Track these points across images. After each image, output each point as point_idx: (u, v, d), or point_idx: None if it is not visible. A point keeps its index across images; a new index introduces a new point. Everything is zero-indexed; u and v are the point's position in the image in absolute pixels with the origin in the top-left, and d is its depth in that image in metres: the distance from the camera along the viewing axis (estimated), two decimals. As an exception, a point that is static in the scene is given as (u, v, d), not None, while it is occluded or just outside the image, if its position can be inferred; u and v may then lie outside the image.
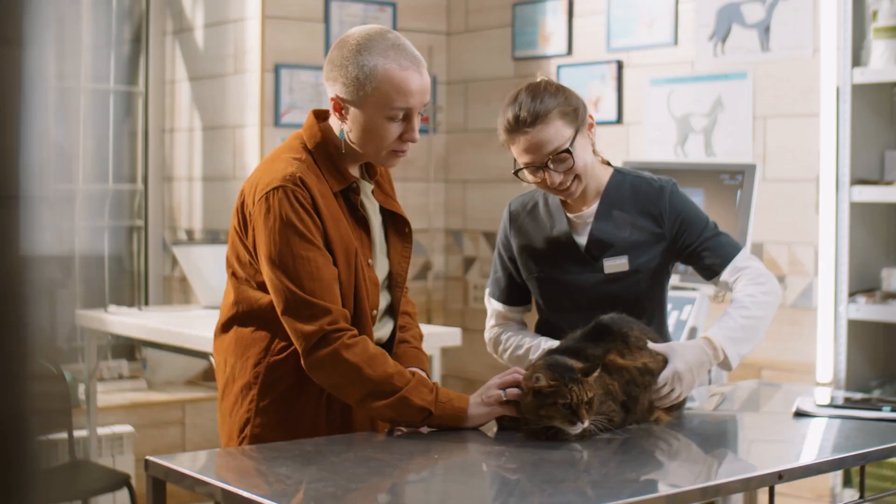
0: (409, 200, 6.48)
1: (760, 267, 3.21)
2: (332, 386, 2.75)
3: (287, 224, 2.70)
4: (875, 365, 4.64)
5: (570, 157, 3.11)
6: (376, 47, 2.73)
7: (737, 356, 3.07)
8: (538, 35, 6.11)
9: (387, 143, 2.77)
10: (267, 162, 2.84)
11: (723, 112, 5.23)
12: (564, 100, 3.13)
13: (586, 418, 2.68)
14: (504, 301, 3.45)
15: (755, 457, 2.90)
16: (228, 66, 6.15)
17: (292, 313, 2.71)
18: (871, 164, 4.61)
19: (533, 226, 3.34)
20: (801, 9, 4.97)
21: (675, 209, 3.24)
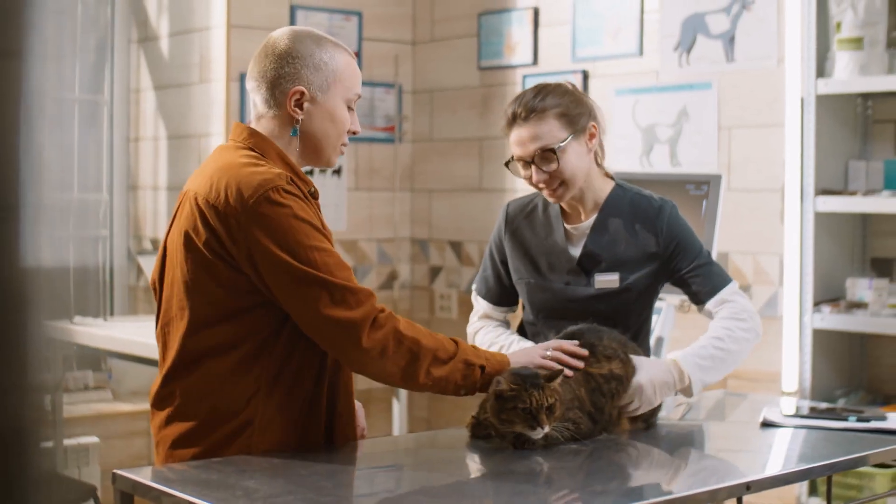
0: (374, 210, 6.48)
1: (746, 303, 3.23)
2: (399, 370, 2.64)
3: (301, 219, 2.59)
4: (840, 374, 4.67)
5: (555, 157, 3.13)
6: (326, 41, 2.78)
7: (700, 384, 3.09)
8: (504, 45, 6.12)
9: (344, 131, 2.78)
10: (229, 169, 2.65)
11: (688, 122, 5.25)
12: (569, 103, 3.15)
13: (546, 423, 2.68)
14: (489, 300, 3.47)
15: (723, 467, 2.91)
16: (193, 75, 6.14)
17: (335, 304, 2.57)
18: (836, 174, 4.64)
19: (529, 230, 3.35)
20: (766, 20, 5.00)
21: (672, 231, 3.25)
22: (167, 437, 2.71)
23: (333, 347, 2.63)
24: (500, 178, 6.15)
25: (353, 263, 6.37)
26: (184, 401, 2.69)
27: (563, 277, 3.28)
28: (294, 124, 2.75)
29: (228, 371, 2.65)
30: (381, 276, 6.52)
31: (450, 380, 2.70)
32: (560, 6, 5.84)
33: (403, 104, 6.56)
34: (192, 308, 2.67)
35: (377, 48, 6.45)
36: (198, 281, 2.66)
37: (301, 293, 2.58)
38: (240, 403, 2.65)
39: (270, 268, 2.58)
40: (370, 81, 6.41)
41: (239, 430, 2.65)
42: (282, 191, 2.59)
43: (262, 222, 2.57)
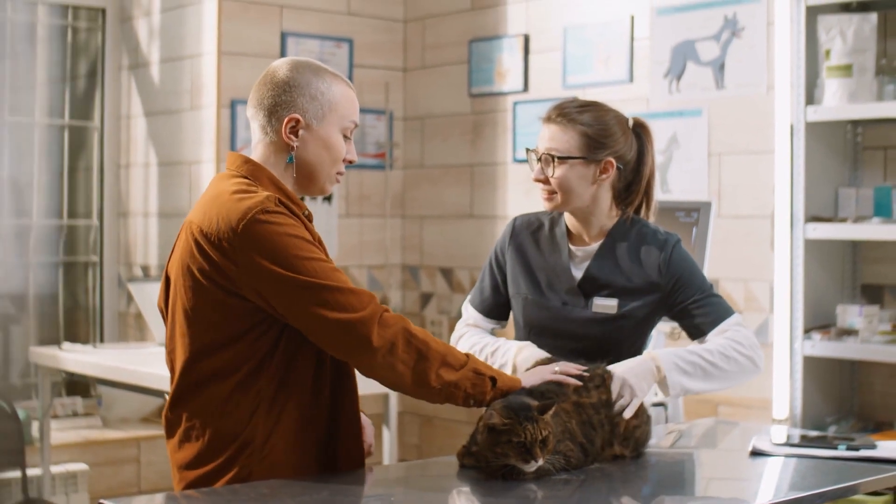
0: (365, 236, 6.47)
1: (749, 334, 3.20)
2: (408, 370, 2.65)
3: (292, 235, 2.61)
4: (831, 401, 4.66)
5: (553, 163, 3.16)
6: (324, 71, 2.81)
7: (678, 385, 3.06)
8: (495, 72, 6.13)
9: (339, 160, 2.80)
10: (222, 196, 2.69)
11: (678, 149, 5.26)
12: (599, 131, 3.18)
13: (541, 457, 2.67)
14: (481, 311, 3.45)
15: (712, 497, 2.90)
16: (184, 102, 6.13)
17: (339, 309, 2.59)
18: (826, 201, 4.64)
19: (532, 246, 3.35)
20: (756, 46, 5.01)
21: (675, 264, 3.23)
22: (179, 460, 2.76)
23: (344, 351, 2.65)
24: (490, 204, 6.14)
25: (343, 290, 6.34)
26: (190, 425, 2.72)
27: (562, 297, 3.27)
28: (289, 151, 2.77)
29: (229, 393, 2.67)
30: (372, 303, 6.49)
31: (460, 386, 2.70)
32: (550, 33, 5.85)
33: (394, 131, 6.56)
34: (192, 336, 2.71)
35: (368, 75, 6.45)
36: (197, 309, 2.69)
37: (303, 303, 2.60)
38: (241, 424, 2.67)
39: (271, 284, 2.60)
40: (361, 108, 6.36)
41: (241, 449, 2.67)
42: (269, 211, 2.61)
43: (255, 243, 2.59)
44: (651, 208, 3.34)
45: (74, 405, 6.23)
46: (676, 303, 3.24)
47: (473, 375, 2.72)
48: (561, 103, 3.24)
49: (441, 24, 6.44)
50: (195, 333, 2.71)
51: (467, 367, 2.72)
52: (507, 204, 6.03)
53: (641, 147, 3.29)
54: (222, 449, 2.68)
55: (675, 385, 3.07)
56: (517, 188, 6.02)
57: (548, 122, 3.23)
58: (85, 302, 6.59)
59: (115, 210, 6.57)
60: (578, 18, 5.73)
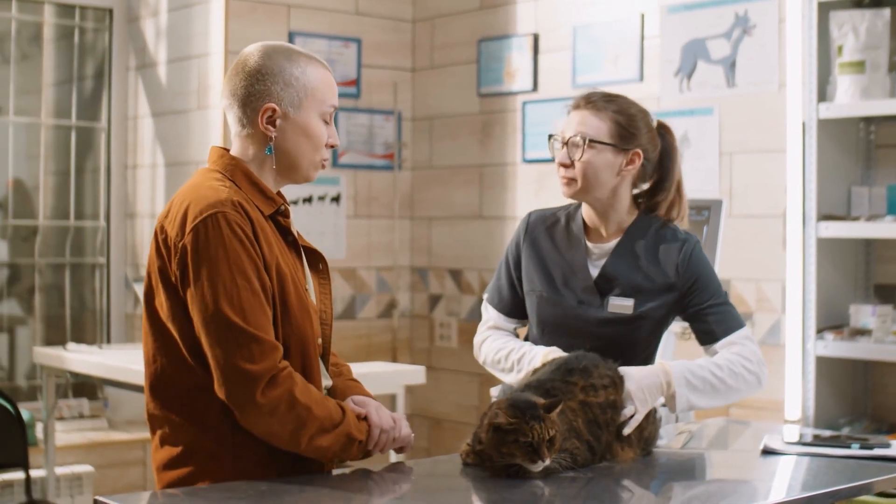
0: (373, 237, 6.43)
1: (755, 349, 3.17)
2: (284, 432, 2.57)
3: (230, 251, 2.55)
4: (844, 402, 4.61)
5: (583, 146, 3.13)
6: (298, 55, 2.74)
7: (685, 401, 3.02)
8: (504, 71, 6.08)
9: (321, 146, 2.75)
10: (187, 193, 2.66)
11: (689, 148, 5.20)
12: (629, 122, 3.17)
13: (548, 456, 2.62)
14: (501, 310, 3.40)
15: (722, 496, 2.85)
16: (191, 102, 6.10)
17: (235, 351, 2.52)
18: (838, 199, 4.59)
19: (548, 242, 3.30)
20: (767, 44, 4.96)
21: (692, 266, 3.20)
22: (158, 460, 2.71)
23: (227, 394, 2.55)
24: (500, 205, 6.10)
25: (351, 292, 6.32)
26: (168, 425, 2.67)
27: (577, 295, 3.23)
28: (268, 142, 2.71)
29: (196, 390, 2.62)
30: (381, 305, 6.46)
31: (329, 450, 2.62)
32: (560, 32, 5.80)
33: (403, 131, 6.52)
34: (153, 334, 2.68)
35: (376, 75, 6.41)
36: (150, 304, 2.67)
37: (208, 332, 2.55)
38: (214, 420, 2.61)
39: (191, 297, 2.57)
40: (369, 108, 6.37)
41: (217, 446, 2.62)
42: (218, 220, 2.55)
43: (194, 252, 2.55)
44: (683, 211, 3.29)
45: (80, 407, 6.19)
46: (691, 304, 3.19)
47: (345, 439, 2.63)
48: (589, 93, 3.24)
49: (450, 24, 6.39)
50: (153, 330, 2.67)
51: (340, 430, 2.62)
52: (517, 204, 5.98)
53: (667, 146, 3.28)
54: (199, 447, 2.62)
55: (682, 401, 3.03)
56: (527, 188, 5.97)
57: (578, 108, 3.21)
58: (92, 303, 6.56)
59: (122, 211, 6.53)
60: (588, 17, 5.68)
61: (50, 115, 6.45)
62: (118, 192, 6.54)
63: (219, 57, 5.90)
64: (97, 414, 6.26)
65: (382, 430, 2.74)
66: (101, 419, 6.21)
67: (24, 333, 6.44)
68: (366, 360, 6.06)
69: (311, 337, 2.70)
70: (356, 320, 6.35)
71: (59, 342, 5.92)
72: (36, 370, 5.98)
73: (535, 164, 5.86)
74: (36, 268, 6.37)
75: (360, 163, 6.36)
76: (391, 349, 6.47)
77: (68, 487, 5.50)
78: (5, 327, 6.40)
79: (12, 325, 6.44)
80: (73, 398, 6.25)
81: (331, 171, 6.24)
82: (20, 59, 6.41)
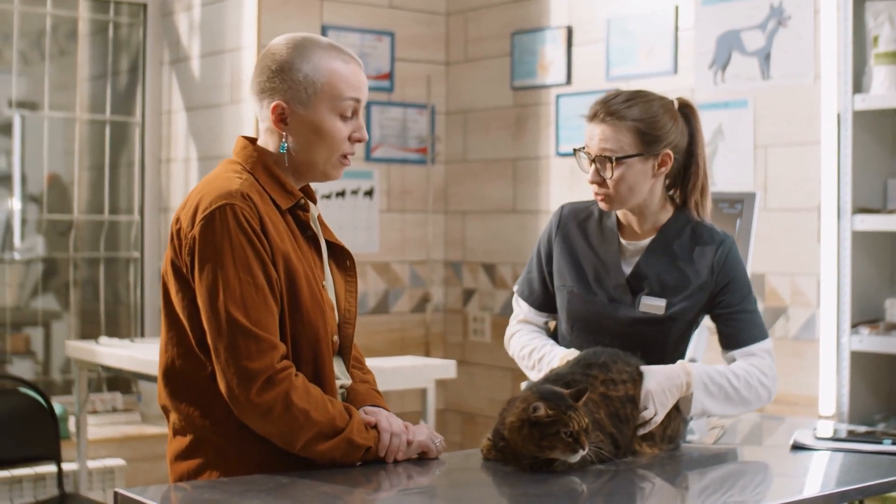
0: (406, 232, 6.41)
1: (772, 364, 3.13)
2: (278, 433, 2.55)
3: (235, 245, 2.53)
4: (879, 397, 4.55)
5: (611, 165, 3.05)
6: (313, 48, 2.69)
7: (699, 405, 2.97)
8: (537, 64, 6.05)
9: (338, 143, 2.69)
10: (203, 184, 2.67)
11: (723, 141, 5.15)
12: (652, 123, 3.07)
13: (587, 445, 2.60)
14: (532, 304, 3.36)
15: (749, 491, 2.81)
16: (225, 96, 6.09)
17: (234, 347, 2.51)
18: (874, 192, 4.52)
19: (580, 237, 3.25)
20: (803, 36, 4.90)
21: (728, 266, 3.14)
22: (170, 451, 2.70)
23: (224, 389, 2.54)
24: (533, 199, 6.06)
25: (385, 286, 6.30)
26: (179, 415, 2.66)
27: (608, 293, 3.17)
28: (281, 139, 2.68)
29: (205, 382, 2.61)
30: (414, 299, 6.44)
31: (326, 455, 2.59)
32: (593, 25, 5.76)
33: (436, 125, 6.49)
34: (167, 324, 2.68)
35: (410, 69, 6.39)
36: (166, 295, 2.67)
37: (212, 326, 2.54)
38: (221, 414, 2.60)
39: (198, 289, 2.56)
40: (402, 102, 6.35)
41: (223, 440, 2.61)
42: (226, 212, 2.54)
43: (201, 244, 2.55)
44: (707, 198, 3.22)
45: (114, 401, 6.21)
46: (719, 306, 3.15)
47: (346, 445, 2.59)
48: (605, 98, 3.12)
49: (483, 17, 6.36)
50: (168, 323, 2.67)
51: (342, 436, 2.58)
52: (550, 198, 5.95)
53: (692, 130, 3.19)
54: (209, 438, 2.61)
55: (697, 405, 2.98)
56: (560, 182, 5.93)
57: (594, 120, 3.10)
58: (126, 297, 6.57)
59: (156, 205, 6.54)
60: (622, 9, 5.64)
61: (85, 110, 6.47)
62: (152, 187, 6.55)
63: (251, 51, 5.90)
64: (130, 408, 6.28)
65: (393, 434, 2.70)
66: (135, 413, 6.22)
67: (60, 328, 6.46)
68: (399, 355, 6.05)
69: (323, 334, 2.66)
70: (389, 315, 6.33)
71: (93, 336, 5.93)
72: (70, 364, 6.01)
73: (569, 157, 5.82)
74: (71, 262, 6.39)
75: (393, 157, 6.34)
76: (424, 343, 6.45)
77: (100, 481, 5.51)
78: (41, 321, 6.43)
79: (48, 320, 6.47)
80: (107, 392, 6.27)
81: (364, 165, 6.23)
82: (56, 54, 6.43)
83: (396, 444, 2.70)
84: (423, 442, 2.76)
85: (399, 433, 2.71)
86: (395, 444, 2.70)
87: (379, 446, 2.67)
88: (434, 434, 2.81)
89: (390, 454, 2.69)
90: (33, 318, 6.43)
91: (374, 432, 2.68)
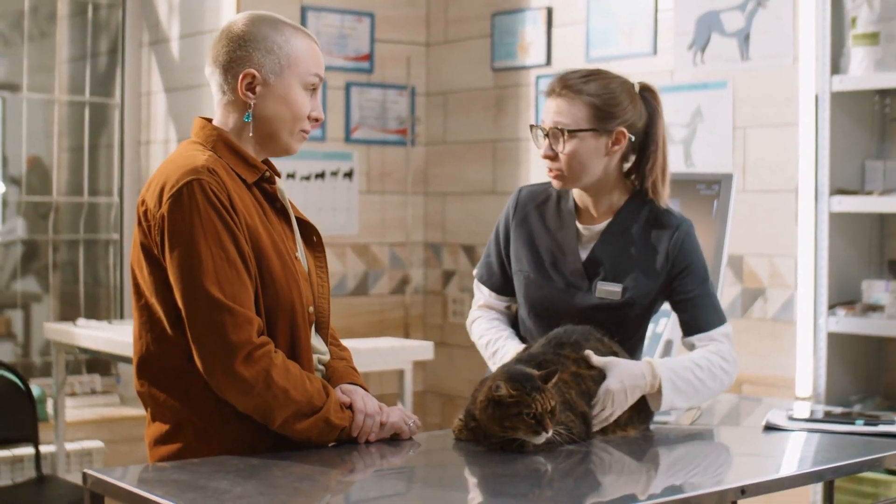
0: (386, 213, 6.40)
1: (730, 349, 3.11)
2: (257, 410, 2.55)
3: (205, 220, 2.52)
4: (856, 378, 4.56)
5: (563, 139, 3.04)
6: (282, 24, 2.72)
7: (669, 402, 2.95)
8: (517, 45, 6.03)
9: (302, 115, 2.71)
10: (166, 164, 2.65)
11: (702, 122, 5.15)
12: (608, 100, 3.06)
13: (551, 427, 2.59)
14: (492, 288, 3.34)
15: (721, 471, 2.82)
16: (204, 78, 6.03)
17: (211, 323, 2.50)
18: (852, 173, 4.52)
19: (538, 220, 3.23)
20: (782, 17, 4.89)
21: (685, 251, 3.12)
22: (149, 436, 2.69)
23: (203, 366, 2.53)
24: (514, 180, 6.05)
25: (364, 268, 6.29)
26: (156, 402, 2.65)
27: (565, 279, 3.16)
28: (247, 109, 2.68)
29: (181, 366, 2.60)
30: (394, 281, 6.43)
31: (303, 434, 2.59)
32: (574, 6, 5.75)
33: (416, 106, 6.48)
34: (139, 311, 2.66)
35: (390, 49, 6.37)
36: (136, 282, 2.66)
37: (187, 301, 2.53)
38: (199, 396, 2.59)
39: (170, 267, 2.55)
40: (382, 83, 6.33)
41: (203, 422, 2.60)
42: (194, 188, 2.53)
43: (171, 221, 2.53)
44: (665, 182, 3.20)
45: (93, 382, 6.20)
46: (677, 291, 3.12)
47: (322, 425, 2.59)
48: (564, 75, 3.11)
49: (464, -2, 6.35)
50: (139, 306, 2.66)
51: (319, 415, 2.58)
52: (530, 179, 5.94)
53: (652, 112, 3.17)
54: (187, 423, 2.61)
55: (667, 402, 2.96)
56: (540, 164, 5.80)
57: (552, 95, 3.10)
58: (106, 279, 6.56)
59: (135, 187, 6.52)
60: (602, -10, 5.62)
61: (64, 92, 6.44)
62: (132, 168, 6.52)
63: (230, 32, 5.86)
64: (109, 390, 6.27)
65: (367, 416, 2.69)
66: (114, 395, 6.22)
67: (40, 310, 6.45)
68: (378, 336, 6.05)
69: (299, 306, 2.66)
70: (369, 296, 6.33)
71: (73, 318, 5.92)
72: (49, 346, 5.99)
73: (549, 139, 5.80)
74: (51, 244, 6.37)
75: (373, 138, 6.32)
76: (404, 325, 6.45)
77: (78, 463, 5.50)
78: (21, 304, 6.41)
79: (28, 302, 6.45)
80: (86, 374, 6.25)
81: (343, 147, 6.21)
82: (36, 36, 6.40)
83: (370, 426, 2.70)
84: (397, 423, 2.76)
85: (373, 414, 2.71)
86: (369, 425, 2.70)
87: (352, 427, 2.67)
88: (408, 415, 2.81)
89: (363, 435, 2.69)
90: (13, 301, 6.42)
91: (350, 412, 2.68)
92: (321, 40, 5.94)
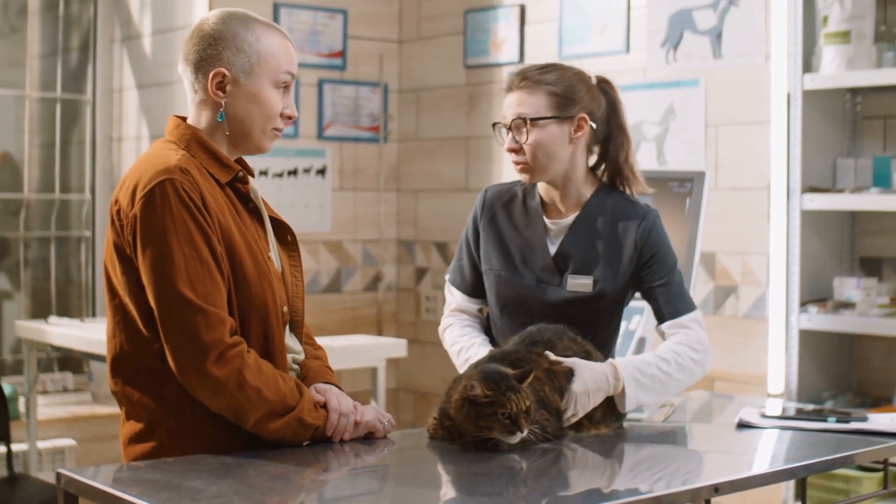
0: (359, 210, 6.39)
1: (702, 335, 3.12)
2: (230, 410, 2.54)
3: (177, 220, 2.51)
4: (827, 376, 4.58)
5: (526, 129, 3.06)
6: (254, 21, 2.71)
7: (634, 400, 2.96)
8: (490, 42, 6.04)
9: (274, 114, 2.70)
10: (139, 163, 2.64)
11: (675, 120, 5.16)
12: (567, 88, 3.09)
13: (526, 427, 2.59)
14: (464, 291, 3.35)
15: (695, 469, 2.82)
16: (176, 74, 6.00)
17: (183, 323, 2.49)
18: (824, 171, 4.55)
19: (506, 219, 3.25)
20: (753, 15, 4.91)
21: (652, 240, 3.13)
22: (123, 434, 2.68)
23: (175, 366, 2.53)
24: (486, 177, 6.06)
25: (337, 265, 6.29)
26: (130, 401, 2.65)
27: (536, 274, 3.17)
28: (218, 108, 2.67)
29: (155, 365, 2.59)
30: (366, 278, 6.43)
31: (277, 434, 2.59)
32: (546, 3, 5.76)
33: (389, 103, 6.48)
34: (112, 311, 2.66)
35: (362, 46, 6.36)
36: (109, 281, 2.65)
37: (160, 301, 2.52)
38: (172, 396, 2.59)
39: (142, 267, 2.54)
40: (355, 80, 6.33)
41: (176, 422, 2.60)
42: (166, 188, 2.52)
43: (143, 221, 2.52)
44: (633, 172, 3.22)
45: (65, 381, 6.17)
46: (645, 280, 3.14)
47: (296, 424, 2.59)
48: (520, 69, 3.16)
49: (437, -5, 6.35)
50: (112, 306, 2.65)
51: (293, 415, 2.58)
52: (503, 177, 5.94)
53: (611, 101, 3.21)
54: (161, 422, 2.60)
55: (632, 401, 2.97)
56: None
57: (511, 89, 3.13)
58: (77, 276, 6.53)
59: (107, 184, 6.49)
60: (575, -12, 5.63)
61: (35, 88, 6.41)
62: (103, 165, 6.50)
63: (203, 28, 5.84)
64: (81, 388, 6.24)
65: (342, 415, 2.69)
66: (86, 393, 6.19)
67: (11, 307, 6.41)
68: (351, 334, 6.04)
69: (272, 305, 2.66)
70: (342, 294, 6.32)
71: (44, 316, 5.89)
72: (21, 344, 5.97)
73: (522, 136, 5.81)
74: (22, 241, 6.34)
75: (345, 135, 6.32)
76: (377, 322, 6.45)
77: (51, 461, 5.47)
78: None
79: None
80: (58, 372, 6.23)
81: (316, 144, 6.21)
82: (7, 31, 6.37)
83: (344, 425, 2.70)
84: (371, 422, 2.76)
85: (347, 413, 2.71)
86: (343, 425, 2.70)
87: (327, 426, 2.67)
88: (382, 414, 2.81)
89: (337, 434, 2.69)
90: (-17, 298, 6.39)
91: (324, 412, 2.67)
92: (294, 37, 5.93)
